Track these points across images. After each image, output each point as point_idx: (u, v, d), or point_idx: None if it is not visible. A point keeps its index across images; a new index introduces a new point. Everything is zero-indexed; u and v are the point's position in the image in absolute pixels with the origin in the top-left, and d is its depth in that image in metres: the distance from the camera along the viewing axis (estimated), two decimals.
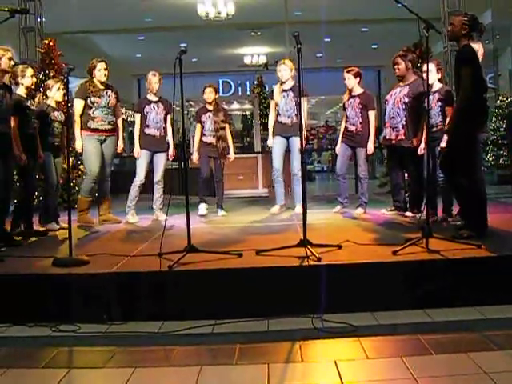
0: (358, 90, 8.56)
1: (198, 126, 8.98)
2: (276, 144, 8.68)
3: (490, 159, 16.24)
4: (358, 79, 8.56)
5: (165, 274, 5.13)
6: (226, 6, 15.32)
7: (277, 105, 8.65)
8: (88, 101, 8.03)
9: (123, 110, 18.50)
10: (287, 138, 8.59)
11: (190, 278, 5.20)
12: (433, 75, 7.32)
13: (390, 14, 14.62)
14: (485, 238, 5.80)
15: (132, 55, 22.26)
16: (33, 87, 7.55)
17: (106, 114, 8.11)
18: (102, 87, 8.17)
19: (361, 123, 8.41)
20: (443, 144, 6.99)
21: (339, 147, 8.73)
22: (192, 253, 5.55)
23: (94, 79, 8.11)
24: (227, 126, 9.08)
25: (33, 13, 11.02)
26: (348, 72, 8.56)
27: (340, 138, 8.78)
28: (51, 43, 10.60)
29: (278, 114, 8.65)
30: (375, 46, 21.90)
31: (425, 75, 7.50)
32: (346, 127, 8.60)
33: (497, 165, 16.13)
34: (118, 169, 17.36)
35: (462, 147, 6.01)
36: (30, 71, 7.34)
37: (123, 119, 18.41)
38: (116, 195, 9.67)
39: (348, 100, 8.60)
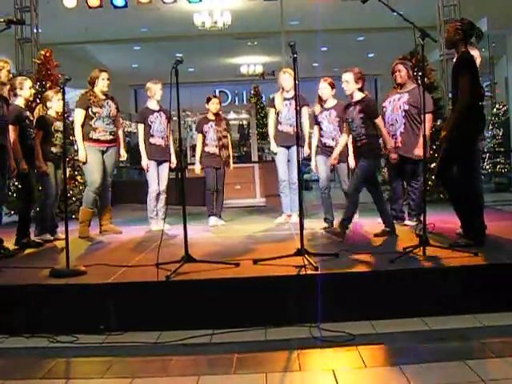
0: (332, 102, 8.03)
1: (200, 136, 8.97)
2: (279, 155, 8.67)
3: (487, 167, 16.28)
4: (334, 90, 8.04)
5: (162, 285, 5.13)
6: (223, 16, 15.35)
7: (278, 113, 8.62)
8: (89, 111, 7.93)
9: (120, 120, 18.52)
10: (288, 148, 8.59)
11: (187, 288, 5.19)
12: (350, 85, 7.02)
13: (386, 23, 14.67)
14: (482, 246, 5.81)
15: (128, 65, 22.28)
16: (31, 99, 7.55)
17: (107, 124, 8.04)
18: (102, 97, 8.08)
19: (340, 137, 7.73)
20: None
21: (315, 163, 8.19)
22: (189, 263, 5.55)
23: (95, 89, 8.02)
24: (228, 135, 9.13)
25: (29, 24, 11.04)
26: (325, 81, 8.04)
27: (314, 153, 8.17)
28: (47, 54, 10.61)
29: (278, 123, 8.62)
30: (372, 55, 21.96)
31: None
32: (323, 142, 8.05)
33: (494, 172, 16.19)
34: (117, 179, 17.44)
35: (461, 155, 6.02)
36: (28, 83, 7.40)
37: None
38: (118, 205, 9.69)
39: (321, 113, 8.07)
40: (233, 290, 5.14)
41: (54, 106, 7.78)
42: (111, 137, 8.14)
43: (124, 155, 8.52)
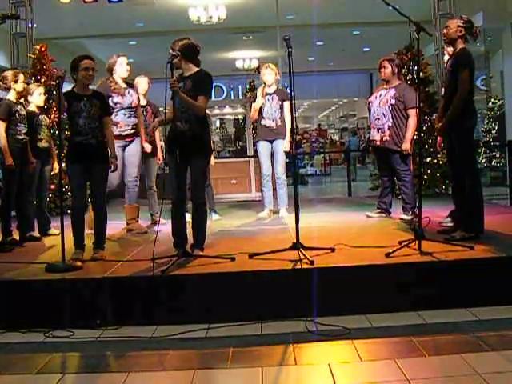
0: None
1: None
2: (262, 149, 8.69)
3: (483, 161, 16.32)
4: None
5: (158, 279, 5.13)
6: (218, 10, 15.32)
7: (261, 108, 8.64)
8: (109, 101, 7.12)
9: None
10: (271, 142, 8.61)
11: (183, 282, 5.19)
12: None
13: (381, 17, 14.67)
14: (477, 240, 5.82)
15: None
16: (24, 93, 7.38)
17: (128, 117, 7.55)
18: (124, 86, 7.64)
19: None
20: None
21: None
22: (185, 257, 5.56)
23: (115, 76, 7.56)
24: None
25: (24, 18, 10.97)
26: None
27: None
28: (43, 49, 10.55)
29: (262, 117, 8.66)
30: (367, 49, 21.95)
31: None
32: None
33: (489, 166, 16.22)
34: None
35: (462, 148, 6.07)
36: (22, 76, 7.16)
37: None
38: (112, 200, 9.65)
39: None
40: (228, 284, 5.16)
41: (35, 100, 7.52)
42: (133, 131, 7.68)
43: (149, 146, 8.29)
